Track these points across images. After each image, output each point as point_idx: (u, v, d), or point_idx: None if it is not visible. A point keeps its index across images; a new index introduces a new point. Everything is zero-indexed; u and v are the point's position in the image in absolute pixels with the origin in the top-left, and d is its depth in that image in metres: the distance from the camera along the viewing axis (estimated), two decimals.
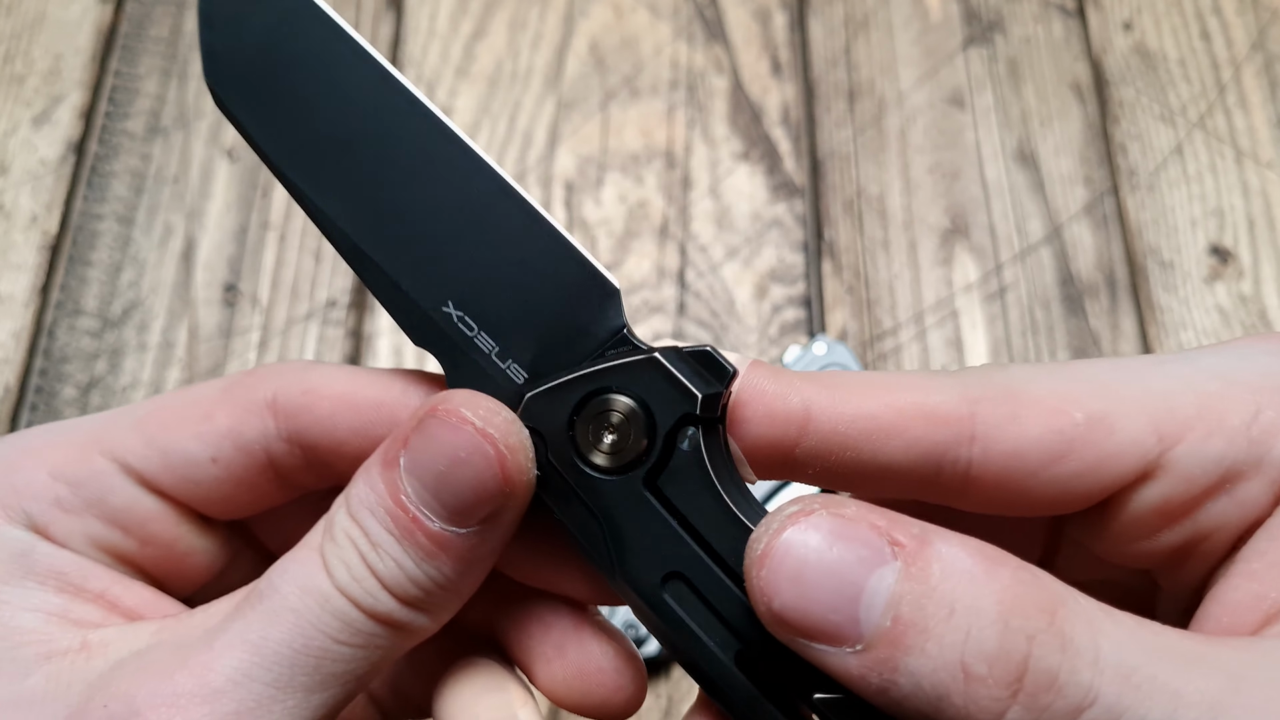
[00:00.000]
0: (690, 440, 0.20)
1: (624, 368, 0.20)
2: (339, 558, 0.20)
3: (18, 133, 0.53)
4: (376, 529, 0.20)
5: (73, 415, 0.47)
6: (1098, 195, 0.53)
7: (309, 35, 0.22)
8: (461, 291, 0.21)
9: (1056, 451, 0.20)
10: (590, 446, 0.20)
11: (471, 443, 0.19)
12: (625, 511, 0.20)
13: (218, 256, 0.51)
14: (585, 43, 0.56)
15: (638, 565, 0.20)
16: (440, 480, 0.20)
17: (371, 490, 0.20)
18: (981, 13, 0.57)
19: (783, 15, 0.57)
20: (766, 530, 0.18)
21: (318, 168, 0.22)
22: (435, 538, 0.20)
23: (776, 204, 0.52)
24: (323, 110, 0.22)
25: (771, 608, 0.17)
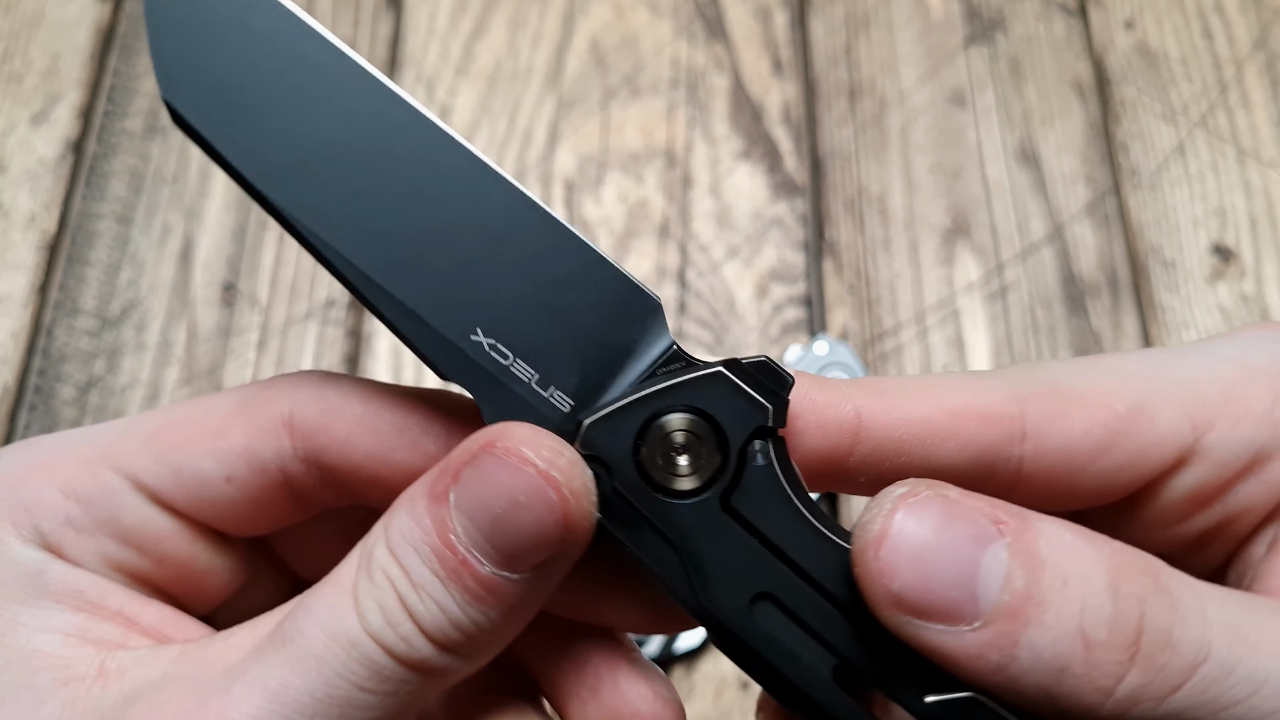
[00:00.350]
0: (763, 454, 0.19)
1: (688, 384, 0.19)
2: (374, 598, 0.19)
3: (16, 132, 0.53)
4: (419, 568, 0.19)
5: (71, 415, 0.47)
6: (1099, 194, 0.53)
7: (282, 40, 0.19)
8: (490, 317, 0.20)
9: (1103, 444, 0.20)
10: (661, 470, 0.19)
11: (532, 486, 0.18)
12: (703, 535, 0.19)
13: (216, 256, 0.51)
14: (585, 41, 0.56)
15: (723, 590, 0.19)
16: (495, 523, 0.18)
17: (417, 526, 0.19)
18: (983, 11, 0.57)
19: (784, 14, 0.57)
20: (879, 513, 0.18)
21: (309, 191, 0.20)
22: (485, 582, 0.19)
23: (777, 203, 0.52)
24: (307, 126, 0.19)
25: (891, 589, 0.17)
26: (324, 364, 0.48)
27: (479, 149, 0.21)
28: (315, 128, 0.20)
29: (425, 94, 0.54)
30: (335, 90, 0.20)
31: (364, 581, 0.19)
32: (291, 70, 0.19)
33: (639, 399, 0.19)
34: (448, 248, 0.20)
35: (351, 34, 0.56)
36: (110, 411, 0.47)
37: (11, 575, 0.20)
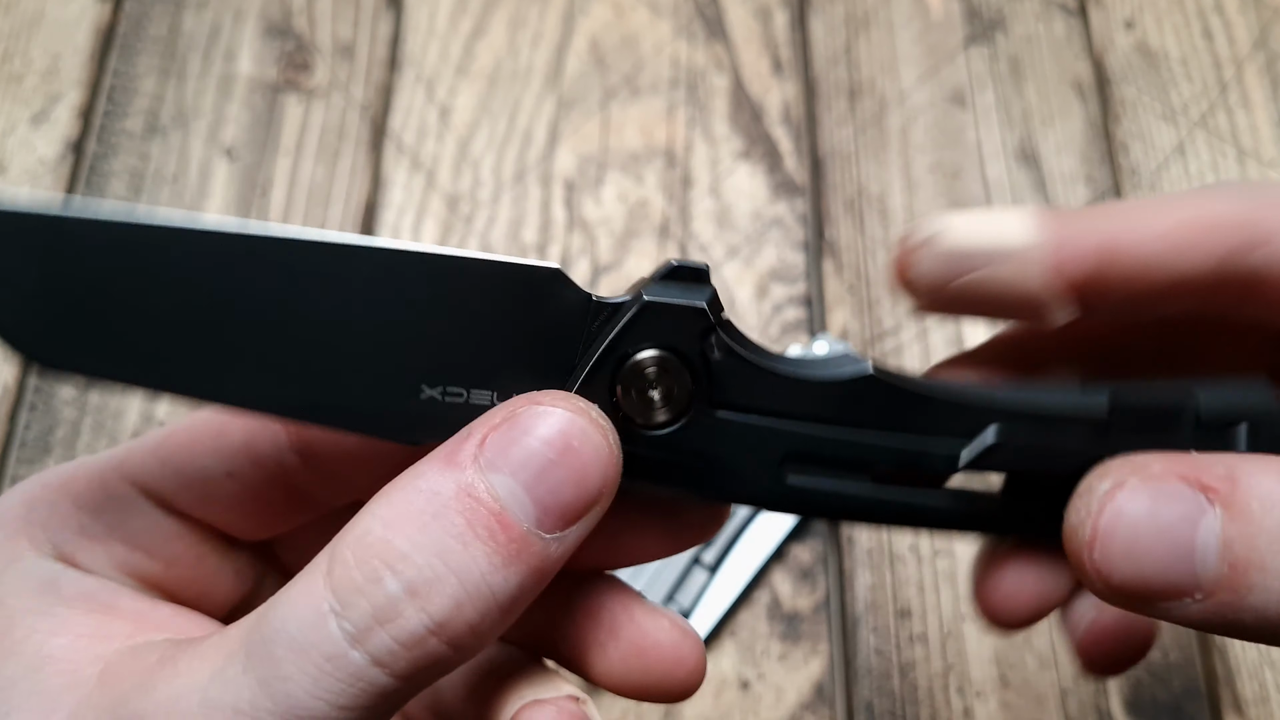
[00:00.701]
0: (719, 347, 0.20)
1: (627, 328, 0.20)
2: (358, 592, 0.17)
3: (16, 132, 0.53)
4: (435, 535, 0.17)
5: (71, 415, 0.47)
6: (1099, 194, 0.52)
7: (90, 243, 0.19)
8: (424, 370, 0.20)
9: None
10: (644, 412, 0.20)
11: (584, 431, 0.18)
12: (709, 441, 0.20)
13: None
14: (585, 41, 0.56)
15: (752, 475, 0.20)
16: (541, 475, 0.18)
17: (430, 493, 0.17)
18: (983, 11, 0.57)
19: (783, 13, 0.57)
20: (1086, 513, 0.18)
21: (197, 365, 0.19)
22: (521, 540, 0.17)
23: (777, 203, 0.52)
24: (161, 311, 0.19)
25: (1111, 584, 0.18)
26: None
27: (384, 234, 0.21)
28: (168, 309, 0.19)
29: (425, 94, 0.54)
30: (175, 263, 0.19)
31: (346, 575, 0.17)
32: (122, 268, 0.19)
33: (593, 365, 0.20)
34: (352, 336, 0.19)
35: (351, 34, 0.56)
36: (110, 411, 0.47)
37: (27, 586, 0.21)
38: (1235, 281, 0.20)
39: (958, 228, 0.21)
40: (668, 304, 0.20)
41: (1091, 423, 0.20)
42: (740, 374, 0.20)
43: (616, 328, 0.20)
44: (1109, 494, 0.18)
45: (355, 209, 0.52)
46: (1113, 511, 0.18)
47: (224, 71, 0.54)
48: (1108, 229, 0.20)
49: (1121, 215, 0.21)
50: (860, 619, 0.44)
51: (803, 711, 0.43)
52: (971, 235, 0.21)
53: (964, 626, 0.44)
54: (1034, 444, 0.20)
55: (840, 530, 0.46)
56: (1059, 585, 0.24)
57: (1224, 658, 0.43)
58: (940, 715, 0.43)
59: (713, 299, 0.20)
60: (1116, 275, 0.20)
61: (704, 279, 0.20)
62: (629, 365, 0.20)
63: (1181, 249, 0.20)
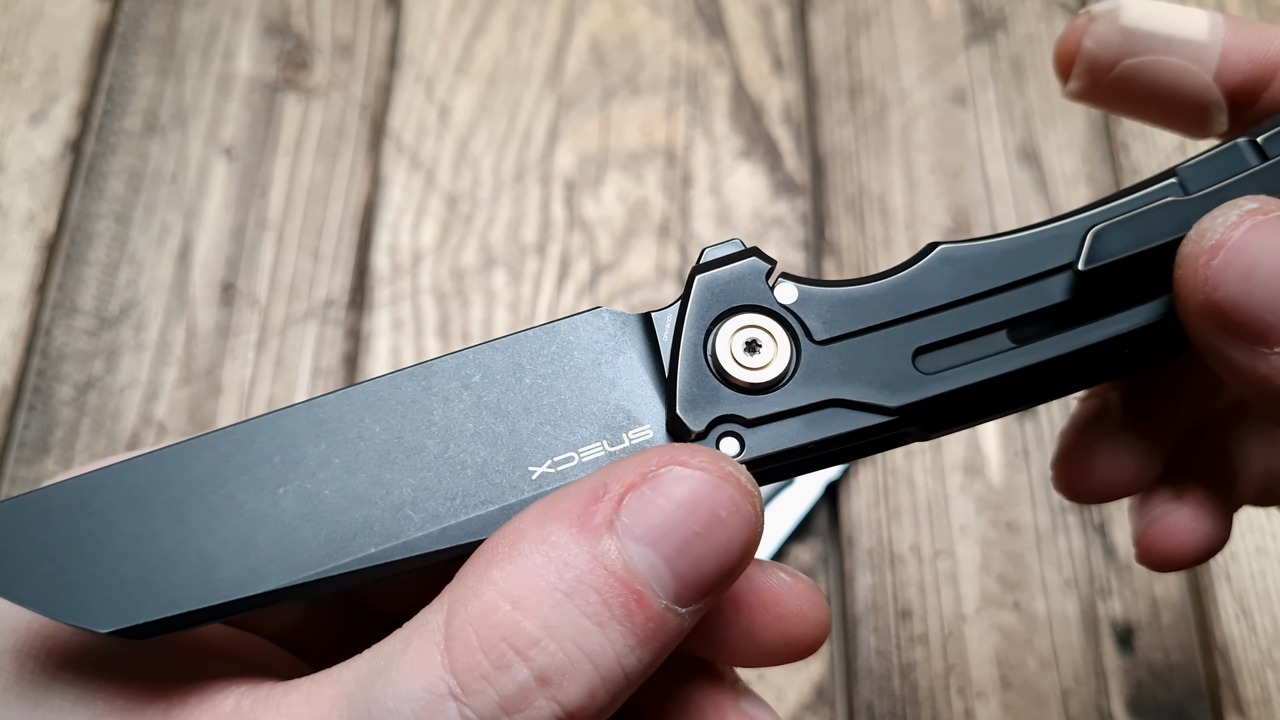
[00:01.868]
0: (785, 290, 0.20)
1: (693, 308, 0.20)
2: (484, 676, 0.15)
3: (14, 131, 0.53)
4: (565, 620, 0.15)
5: (70, 415, 0.47)
6: (1101, 194, 0.52)
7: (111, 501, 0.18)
8: (528, 449, 0.19)
9: None
10: (758, 374, 0.20)
11: (733, 500, 0.16)
12: (833, 373, 0.20)
13: (215, 255, 0.50)
14: (585, 40, 0.56)
15: (890, 385, 0.20)
16: (684, 549, 0.16)
17: (561, 564, 0.16)
18: (984, 10, 0.57)
19: (784, 12, 0.57)
20: (1222, 222, 0.18)
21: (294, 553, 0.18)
22: (658, 619, 0.16)
23: (778, 202, 0.52)
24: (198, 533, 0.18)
25: (1212, 297, 0.18)
26: (323, 364, 0.48)
27: None
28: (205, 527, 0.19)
29: (425, 93, 0.54)
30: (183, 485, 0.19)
31: (469, 658, 0.15)
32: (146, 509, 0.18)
33: (683, 360, 0.20)
34: (446, 452, 0.19)
35: (351, 33, 0.55)
36: (109, 412, 0.47)
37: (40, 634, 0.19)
38: None
39: (1140, 7, 0.20)
40: (719, 272, 0.20)
41: (1172, 198, 0.20)
42: (825, 303, 0.20)
43: (685, 316, 0.20)
44: (1252, 213, 0.17)
45: (354, 208, 0.52)
46: (1251, 231, 0.17)
47: (223, 70, 0.54)
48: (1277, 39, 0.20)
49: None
50: (861, 620, 0.44)
51: (803, 712, 0.43)
52: (1154, 18, 0.20)
53: (965, 627, 0.44)
54: (1137, 218, 0.19)
55: (841, 531, 0.45)
56: (1144, 471, 0.24)
57: (1225, 659, 0.43)
58: (941, 716, 0.42)
59: (756, 250, 0.21)
60: (1277, 87, 0.20)
61: (739, 249, 0.21)
62: (717, 337, 0.20)
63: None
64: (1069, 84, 0.22)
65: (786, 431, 0.20)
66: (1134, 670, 0.43)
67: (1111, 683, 0.43)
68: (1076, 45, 0.21)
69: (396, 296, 0.50)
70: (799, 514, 0.45)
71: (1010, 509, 0.46)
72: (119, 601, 0.18)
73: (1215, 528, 0.24)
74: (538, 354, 0.20)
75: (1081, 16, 0.21)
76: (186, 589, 0.18)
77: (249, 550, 0.18)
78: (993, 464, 0.47)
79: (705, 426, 0.19)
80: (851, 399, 0.20)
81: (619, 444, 0.19)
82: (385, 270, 0.50)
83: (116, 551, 0.18)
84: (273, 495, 0.18)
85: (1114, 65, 0.21)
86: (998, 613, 0.44)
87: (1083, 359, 0.20)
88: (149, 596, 0.18)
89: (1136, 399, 0.24)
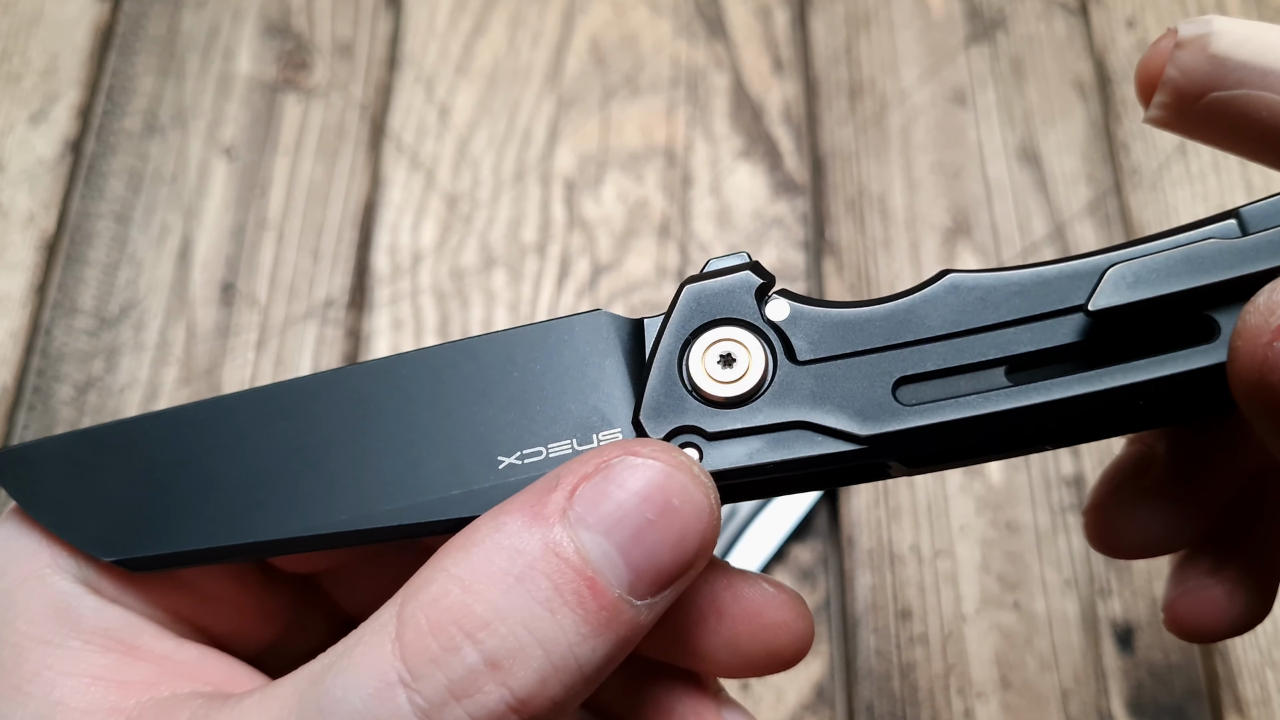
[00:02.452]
0: (777, 307, 0.20)
1: (677, 317, 0.20)
2: (433, 661, 0.15)
3: (14, 131, 0.53)
4: (522, 600, 0.15)
5: (70, 415, 0.47)
6: (1101, 194, 0.52)
7: (130, 441, 0.21)
8: (499, 439, 0.20)
9: None
10: (728, 388, 0.19)
11: (685, 489, 0.16)
12: (808, 393, 0.19)
13: (215, 255, 0.50)
14: (585, 40, 0.56)
15: (866, 413, 0.19)
16: (637, 537, 0.16)
17: (513, 551, 0.16)
18: (984, 10, 0.57)
19: (784, 12, 0.57)
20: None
21: (279, 510, 0.20)
22: (611, 608, 0.16)
23: (778, 202, 0.52)
24: (228, 469, 0.20)
25: (1268, 380, 0.16)
26: (323, 364, 0.48)
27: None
28: (238, 468, 0.20)
29: (425, 93, 0.54)
30: (261, 432, 0.20)
31: (419, 643, 0.15)
32: (172, 453, 0.21)
33: (656, 365, 0.20)
34: (420, 437, 0.20)
35: (351, 33, 0.55)
36: (108, 412, 0.47)
37: (42, 611, 0.19)
38: None
39: (1235, 33, 0.18)
40: (709, 283, 0.20)
41: (1217, 239, 0.18)
42: (816, 324, 0.19)
43: (668, 324, 0.20)
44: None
45: (354, 208, 0.52)
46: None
47: (223, 71, 0.54)
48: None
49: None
50: (861, 620, 0.44)
51: (803, 712, 0.43)
52: (1249, 47, 0.18)
53: (965, 627, 0.44)
54: (1168, 261, 0.18)
55: (841, 531, 0.45)
56: (1183, 532, 0.22)
57: (1225, 659, 0.43)
58: (941, 716, 0.42)
59: (757, 266, 0.20)
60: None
61: (742, 262, 0.20)
62: (693, 348, 0.20)
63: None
64: (1150, 110, 0.20)
65: (747, 449, 0.19)
66: (1134, 670, 0.43)
67: (1111, 683, 0.43)
68: (1159, 70, 0.19)
69: (396, 296, 0.50)
70: (799, 514, 0.45)
71: (1010, 509, 0.46)
72: (120, 537, 0.20)
73: (1251, 605, 0.23)
74: (531, 349, 0.20)
75: (1166, 36, 0.19)
76: (177, 532, 0.20)
77: (240, 504, 0.20)
78: (993, 464, 0.47)
79: (665, 435, 0.19)
80: (818, 423, 0.19)
81: (587, 443, 0.19)
82: (385, 270, 0.50)
83: (124, 492, 0.20)
84: (273, 453, 0.20)
85: (1201, 96, 0.19)
86: (997, 613, 0.44)
87: (1086, 407, 0.18)
88: (145, 536, 0.20)
89: (1183, 451, 0.22)
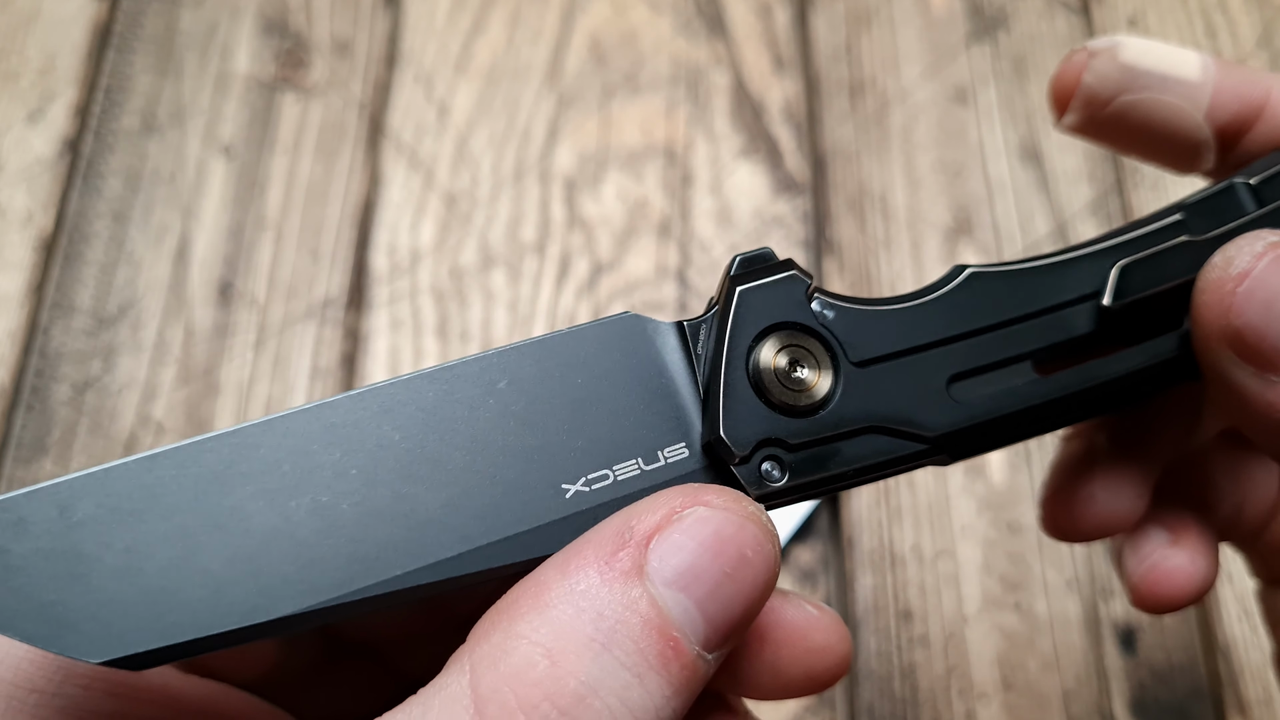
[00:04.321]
0: (827, 306, 0.20)
1: (736, 324, 0.19)
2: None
3: (12, 130, 0.53)
4: (605, 674, 0.15)
5: (68, 415, 0.47)
6: (1102, 192, 0.52)
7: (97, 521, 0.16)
8: (561, 465, 0.18)
9: None
10: (801, 397, 0.19)
11: (757, 540, 0.16)
12: (873, 396, 0.19)
13: (213, 255, 0.50)
14: (585, 39, 0.56)
15: (925, 411, 0.20)
16: (715, 591, 0.15)
17: (596, 611, 0.15)
18: (985, 8, 0.56)
19: (784, 11, 0.56)
20: (1249, 252, 0.18)
21: (315, 572, 0.17)
22: (692, 666, 0.15)
23: (778, 201, 0.52)
24: (214, 544, 0.16)
25: (1234, 323, 0.18)
26: (321, 363, 0.48)
27: None
28: (224, 537, 0.17)
29: (424, 92, 0.54)
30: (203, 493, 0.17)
31: (500, 715, 0.14)
32: (177, 520, 0.16)
33: (726, 377, 0.19)
34: (468, 465, 0.18)
35: (350, 32, 0.55)
36: (106, 412, 0.47)
37: (31, 659, 0.18)
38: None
39: (1138, 45, 0.21)
40: (761, 284, 0.19)
41: (1182, 236, 0.21)
42: (860, 323, 0.20)
43: (727, 330, 0.19)
44: (1275, 245, 0.18)
45: (353, 207, 0.51)
46: (1275, 262, 0.18)
47: (221, 69, 0.54)
48: (1264, 83, 0.21)
49: (1277, 77, 0.21)
50: (862, 621, 0.44)
51: (804, 713, 0.42)
52: (1148, 57, 0.21)
53: (966, 629, 0.43)
54: (1157, 257, 0.20)
55: (842, 532, 0.45)
56: (1131, 509, 0.24)
57: (1228, 659, 0.43)
58: (943, 717, 0.42)
59: (795, 264, 0.20)
60: (1261, 127, 0.21)
61: (772, 258, 0.20)
62: (760, 356, 0.19)
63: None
64: (1065, 116, 0.22)
65: (828, 456, 0.19)
66: (1136, 671, 0.43)
67: (1113, 684, 0.43)
68: (1076, 79, 0.21)
69: (395, 296, 0.50)
70: (801, 515, 0.45)
71: (1011, 509, 0.45)
72: (113, 627, 0.16)
73: (1209, 565, 0.24)
74: (566, 360, 0.18)
75: (1080, 52, 0.22)
76: (190, 613, 0.16)
77: (260, 570, 0.16)
78: (994, 464, 0.46)
79: (750, 450, 0.18)
80: (891, 425, 0.19)
81: (655, 462, 0.18)
82: (384, 270, 0.50)
83: (107, 568, 0.16)
84: (284, 508, 0.17)
85: (1111, 100, 0.21)
86: (999, 614, 0.44)
87: (1103, 391, 0.21)
88: (146, 621, 0.16)
89: (1120, 438, 0.24)
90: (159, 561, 0.16)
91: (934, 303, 0.20)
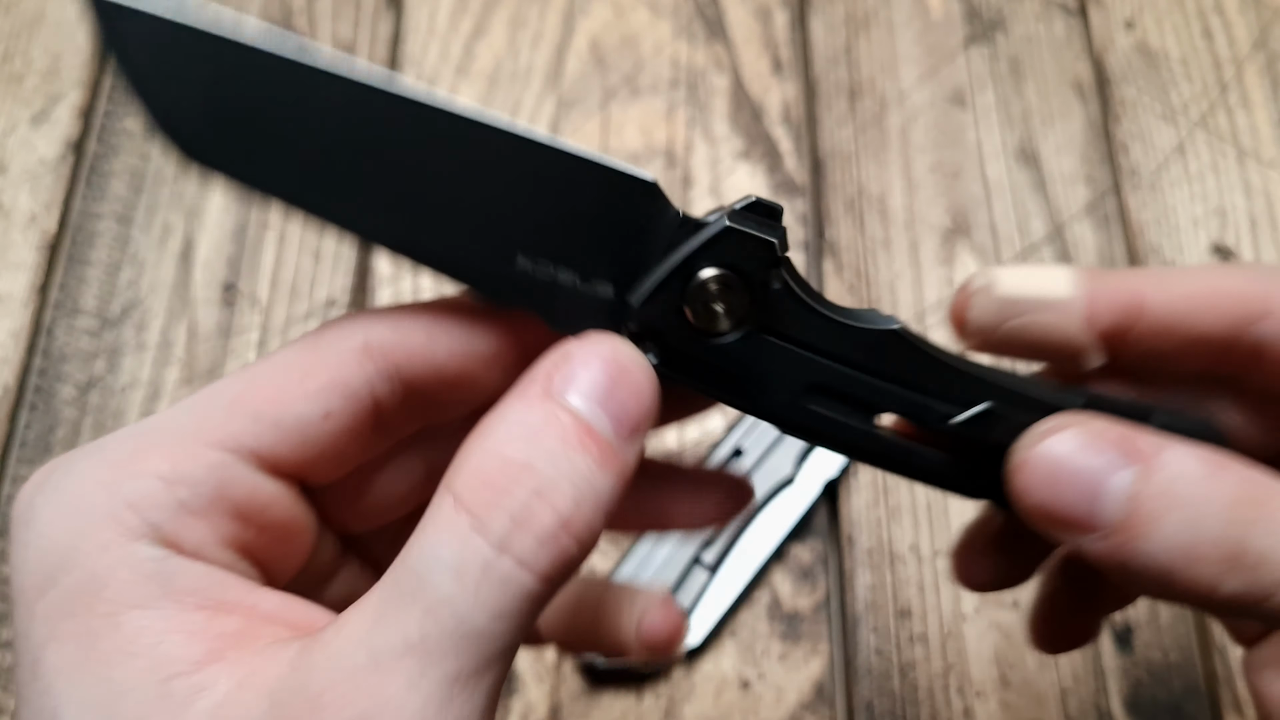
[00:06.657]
0: (778, 279, 0.22)
1: (707, 247, 0.22)
2: (498, 508, 0.19)
3: (16, 132, 0.53)
4: (546, 452, 0.20)
5: (72, 415, 0.47)
6: (1099, 194, 0.53)
7: (252, 68, 0.21)
8: (523, 241, 0.22)
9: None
10: (705, 321, 0.22)
11: (631, 357, 0.21)
12: (751, 356, 0.23)
13: (216, 256, 0.51)
14: (585, 41, 0.56)
15: (778, 392, 0.23)
16: (608, 392, 0.21)
17: (529, 420, 0.20)
18: (983, 11, 0.57)
19: (783, 13, 0.57)
20: (1027, 444, 0.22)
21: (330, 191, 0.22)
22: (608, 448, 0.20)
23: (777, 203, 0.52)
24: (305, 134, 0.22)
25: (1026, 505, 0.22)
26: None
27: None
28: (316, 136, 0.22)
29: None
30: (314, 96, 0.21)
31: (477, 496, 0.19)
32: (273, 88, 0.21)
33: (670, 273, 0.22)
34: (466, 196, 0.22)
35: (352, 34, 0.56)
36: (110, 411, 0.47)
37: (129, 579, 0.19)
38: (1242, 348, 0.23)
39: (1009, 279, 0.24)
40: (746, 232, 0.22)
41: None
42: (791, 307, 0.23)
43: (697, 244, 0.22)
44: (1048, 432, 0.22)
45: None
46: (1045, 446, 0.22)
47: None
48: (1135, 287, 0.24)
49: (1148, 278, 0.24)
50: (860, 619, 0.44)
51: (803, 711, 0.43)
52: (1021, 286, 0.24)
53: (964, 626, 0.44)
54: (1016, 421, 0.23)
55: (840, 530, 0.46)
56: (1016, 575, 0.29)
57: (1224, 658, 0.43)
58: (940, 715, 0.43)
59: (782, 237, 0.23)
60: (1141, 329, 0.24)
61: (778, 217, 0.23)
62: (699, 278, 0.22)
63: (1197, 311, 0.23)
64: (962, 342, 0.25)
65: (688, 372, 0.23)
66: (1133, 669, 0.43)
67: (1110, 682, 0.43)
68: (963, 315, 0.25)
69: (397, 297, 0.50)
70: (798, 513, 0.45)
71: None
72: (217, 145, 0.22)
73: (1085, 633, 0.30)
74: (584, 177, 0.22)
75: (961, 292, 0.25)
76: (273, 170, 0.23)
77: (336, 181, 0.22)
78: None
79: (642, 331, 0.22)
80: (743, 383, 0.23)
81: (585, 283, 0.22)
82: (386, 270, 0.51)
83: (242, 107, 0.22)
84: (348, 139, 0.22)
85: (997, 328, 0.24)
86: (996, 612, 0.44)
87: (914, 466, 0.24)
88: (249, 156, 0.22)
89: (1014, 519, 0.27)
90: (287, 134, 0.22)
91: (852, 330, 0.23)
